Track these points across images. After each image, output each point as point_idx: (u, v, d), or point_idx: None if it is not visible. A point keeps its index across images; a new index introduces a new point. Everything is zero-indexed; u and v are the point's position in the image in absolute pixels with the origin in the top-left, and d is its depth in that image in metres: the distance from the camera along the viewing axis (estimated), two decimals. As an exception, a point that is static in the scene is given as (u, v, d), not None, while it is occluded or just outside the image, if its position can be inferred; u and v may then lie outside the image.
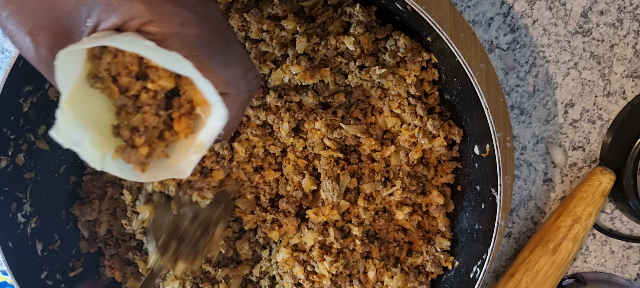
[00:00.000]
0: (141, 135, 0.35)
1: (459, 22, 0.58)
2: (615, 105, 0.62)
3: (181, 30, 0.31)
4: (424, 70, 0.57)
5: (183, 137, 0.37)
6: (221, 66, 0.33)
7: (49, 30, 0.32)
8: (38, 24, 0.31)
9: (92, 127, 0.34)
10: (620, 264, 0.66)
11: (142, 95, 0.35)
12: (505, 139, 0.60)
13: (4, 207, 0.56)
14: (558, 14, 0.60)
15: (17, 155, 0.57)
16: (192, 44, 0.32)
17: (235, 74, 0.35)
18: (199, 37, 0.32)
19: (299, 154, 0.58)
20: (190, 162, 0.36)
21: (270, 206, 0.61)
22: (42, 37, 0.32)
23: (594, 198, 0.60)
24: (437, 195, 0.59)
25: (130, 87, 0.34)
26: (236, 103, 0.35)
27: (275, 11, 0.54)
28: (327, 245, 0.59)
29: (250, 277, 0.64)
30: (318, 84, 0.57)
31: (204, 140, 0.36)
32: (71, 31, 0.32)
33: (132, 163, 0.35)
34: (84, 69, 0.33)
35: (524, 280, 0.61)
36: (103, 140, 0.34)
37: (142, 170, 0.35)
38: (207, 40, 0.33)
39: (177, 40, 0.31)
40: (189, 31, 0.32)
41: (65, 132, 0.32)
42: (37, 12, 0.31)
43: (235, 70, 0.35)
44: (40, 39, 0.32)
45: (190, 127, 0.36)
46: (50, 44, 0.32)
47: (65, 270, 0.62)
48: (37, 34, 0.32)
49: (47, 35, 0.32)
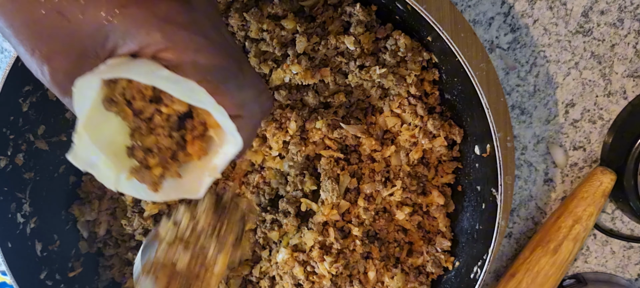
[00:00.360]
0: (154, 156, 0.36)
1: (459, 21, 0.58)
2: (616, 105, 0.62)
3: (196, 56, 0.32)
4: (425, 69, 0.57)
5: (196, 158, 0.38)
6: (235, 90, 0.34)
7: (66, 54, 0.32)
8: (54, 49, 0.32)
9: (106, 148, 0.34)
10: (621, 264, 0.66)
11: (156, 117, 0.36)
12: (505, 138, 0.60)
13: (4, 207, 0.56)
14: (559, 13, 0.60)
15: (17, 155, 0.57)
16: (207, 69, 0.32)
17: (248, 97, 0.35)
18: (213, 63, 0.33)
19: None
20: (204, 184, 0.37)
21: (270, 206, 0.61)
22: (59, 61, 0.32)
23: (594, 198, 0.60)
24: (437, 195, 0.59)
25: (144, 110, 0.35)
26: (249, 125, 0.36)
27: (275, 11, 0.54)
28: (327, 245, 0.59)
29: (250, 278, 0.64)
30: (318, 84, 0.56)
31: (218, 164, 0.37)
32: (87, 55, 0.32)
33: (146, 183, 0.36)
34: (99, 93, 0.33)
35: (524, 281, 0.61)
36: (117, 161, 0.35)
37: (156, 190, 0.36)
38: (221, 65, 0.33)
39: (192, 66, 0.32)
40: (203, 57, 0.32)
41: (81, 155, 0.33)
42: (54, 36, 0.31)
43: (249, 93, 0.35)
44: (56, 64, 0.32)
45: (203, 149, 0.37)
46: (66, 68, 0.32)
47: (65, 270, 0.62)
48: (54, 58, 0.32)
49: (63, 60, 0.32)
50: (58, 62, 0.32)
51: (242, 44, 0.56)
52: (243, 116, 0.35)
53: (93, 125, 0.33)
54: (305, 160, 0.59)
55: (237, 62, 0.35)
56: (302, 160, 0.58)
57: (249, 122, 0.36)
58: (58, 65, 0.32)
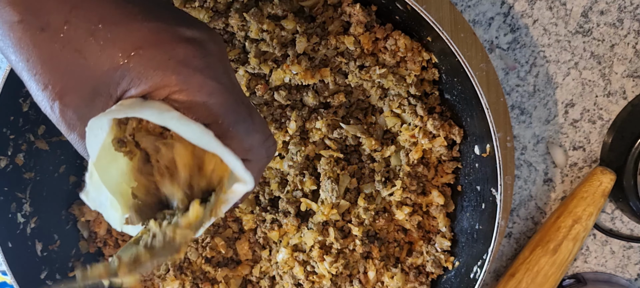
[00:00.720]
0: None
1: (459, 22, 0.58)
2: (615, 105, 0.62)
3: (208, 99, 0.33)
4: (424, 70, 0.57)
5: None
6: (244, 134, 0.35)
7: (78, 92, 0.32)
8: (68, 85, 0.32)
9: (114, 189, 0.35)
10: (621, 264, 0.66)
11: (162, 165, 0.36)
12: (505, 138, 0.60)
13: (4, 207, 0.56)
14: (558, 13, 0.60)
15: (17, 155, 0.57)
16: (218, 112, 0.33)
17: (256, 142, 0.36)
18: (224, 106, 0.33)
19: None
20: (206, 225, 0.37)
21: (270, 206, 0.61)
22: (70, 98, 0.32)
23: (594, 198, 0.60)
24: (437, 195, 0.59)
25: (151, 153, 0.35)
26: (255, 169, 0.37)
27: (275, 11, 0.54)
28: (327, 245, 0.59)
29: (250, 277, 0.64)
30: (318, 84, 0.56)
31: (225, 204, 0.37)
32: (99, 94, 0.32)
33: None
34: (109, 134, 0.33)
35: (524, 281, 0.61)
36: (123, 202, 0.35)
37: None
38: (232, 109, 0.34)
39: (204, 108, 0.32)
40: (215, 100, 0.33)
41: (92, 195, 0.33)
42: (69, 73, 0.31)
43: (256, 138, 0.36)
44: (67, 100, 0.32)
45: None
46: (77, 105, 0.32)
47: (65, 270, 0.62)
48: (66, 95, 0.32)
49: (75, 97, 0.32)
50: (69, 99, 0.32)
51: (242, 44, 0.56)
52: (250, 160, 0.36)
53: (102, 166, 0.33)
54: (305, 160, 0.59)
55: (247, 107, 0.35)
56: (302, 160, 0.58)
57: (256, 166, 0.37)
58: (69, 102, 0.32)
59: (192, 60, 0.32)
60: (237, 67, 0.56)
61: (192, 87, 0.32)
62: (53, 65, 0.31)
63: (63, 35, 0.31)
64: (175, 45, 0.32)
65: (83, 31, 0.31)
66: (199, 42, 0.33)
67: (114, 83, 0.32)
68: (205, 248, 0.61)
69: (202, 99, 0.32)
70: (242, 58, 0.56)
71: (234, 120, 0.34)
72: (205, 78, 0.32)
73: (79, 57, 0.31)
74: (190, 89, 0.32)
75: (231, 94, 0.34)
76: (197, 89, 0.32)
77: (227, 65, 0.35)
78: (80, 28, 0.31)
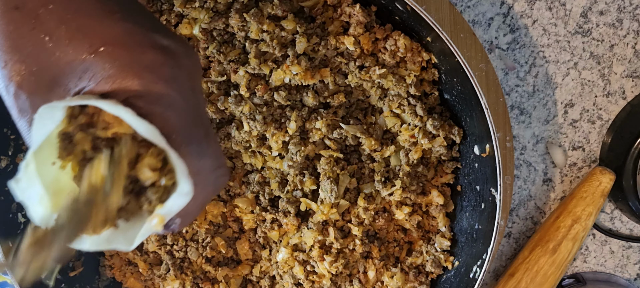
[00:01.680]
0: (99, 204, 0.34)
1: (458, 22, 0.58)
2: (615, 105, 0.62)
3: (167, 112, 0.31)
4: (424, 70, 0.57)
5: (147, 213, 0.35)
6: (195, 155, 0.33)
7: (38, 77, 0.31)
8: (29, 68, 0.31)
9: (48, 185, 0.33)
10: (620, 264, 0.66)
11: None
12: (505, 138, 0.60)
13: (4, 207, 0.56)
14: (558, 14, 0.60)
15: (18, 155, 0.57)
16: (173, 127, 0.32)
17: (206, 167, 0.34)
18: (180, 123, 0.32)
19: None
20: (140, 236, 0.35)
21: (270, 206, 0.61)
22: (28, 83, 0.31)
23: (593, 198, 0.60)
24: (437, 195, 0.59)
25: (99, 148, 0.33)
26: (199, 196, 0.35)
27: (275, 11, 0.54)
28: (327, 245, 0.59)
29: (250, 277, 0.64)
30: (318, 84, 0.57)
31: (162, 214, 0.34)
32: (57, 84, 0.31)
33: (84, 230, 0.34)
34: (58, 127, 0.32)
35: (523, 280, 0.61)
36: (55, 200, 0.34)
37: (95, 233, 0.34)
38: (188, 128, 0.33)
39: (161, 119, 0.31)
40: (174, 115, 0.32)
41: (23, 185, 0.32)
42: (33, 56, 0.31)
43: (208, 163, 0.35)
44: (24, 84, 0.31)
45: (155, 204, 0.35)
46: (32, 91, 0.31)
47: (66, 270, 0.62)
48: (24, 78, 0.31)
49: (33, 83, 0.31)
50: (26, 83, 0.31)
51: (242, 45, 0.56)
52: (197, 185, 0.34)
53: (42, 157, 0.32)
54: (305, 160, 0.59)
55: (205, 130, 0.34)
56: (301, 160, 0.58)
57: (201, 192, 0.34)
58: (25, 86, 0.31)
59: (159, 68, 0.31)
60: (237, 68, 0.56)
61: (152, 95, 0.31)
62: (18, 45, 0.31)
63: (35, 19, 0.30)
64: (146, 49, 0.31)
65: (57, 18, 0.30)
66: (171, 52, 0.32)
67: (75, 76, 0.31)
68: (205, 248, 0.62)
69: (161, 109, 0.31)
70: (242, 58, 0.56)
71: (187, 139, 0.33)
72: (168, 89, 0.31)
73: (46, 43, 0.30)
74: (149, 96, 0.31)
75: (192, 113, 0.33)
76: (157, 97, 0.31)
77: (196, 84, 0.34)
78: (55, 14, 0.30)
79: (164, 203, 0.34)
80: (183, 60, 0.33)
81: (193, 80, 0.34)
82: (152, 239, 0.62)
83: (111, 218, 0.34)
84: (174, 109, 0.32)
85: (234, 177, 0.61)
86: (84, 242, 0.34)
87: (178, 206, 0.34)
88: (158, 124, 0.31)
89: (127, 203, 0.34)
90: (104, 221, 0.34)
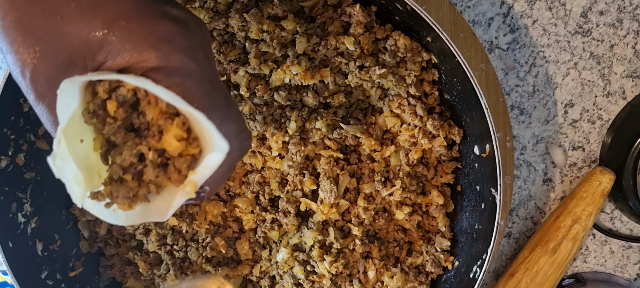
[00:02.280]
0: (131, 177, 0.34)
1: (458, 22, 0.58)
2: (615, 105, 0.62)
3: (186, 81, 0.32)
4: (424, 70, 0.57)
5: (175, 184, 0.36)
6: (218, 121, 0.33)
7: (53, 59, 0.31)
8: (43, 51, 0.31)
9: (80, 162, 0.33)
10: (620, 264, 0.66)
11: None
12: (505, 139, 0.60)
13: (4, 207, 0.56)
14: (558, 14, 0.60)
15: (18, 155, 0.57)
16: (194, 95, 0.32)
17: (230, 131, 0.35)
18: (201, 90, 0.32)
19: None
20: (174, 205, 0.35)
21: (270, 206, 0.61)
22: (44, 65, 0.31)
23: (593, 198, 0.60)
24: (437, 195, 0.59)
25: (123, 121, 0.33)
26: (226, 160, 0.35)
27: (275, 11, 0.54)
28: (327, 244, 0.59)
29: (250, 277, 0.64)
30: (318, 84, 0.57)
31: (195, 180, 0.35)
32: (74, 63, 0.31)
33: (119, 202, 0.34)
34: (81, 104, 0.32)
35: (523, 280, 0.61)
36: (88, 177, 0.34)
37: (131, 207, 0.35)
38: (209, 94, 0.33)
39: (181, 89, 0.31)
40: (193, 83, 0.32)
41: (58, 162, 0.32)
42: (46, 38, 0.30)
43: (231, 127, 0.35)
44: (41, 67, 0.31)
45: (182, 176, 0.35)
46: (49, 73, 0.31)
47: (66, 270, 0.62)
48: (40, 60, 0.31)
49: (49, 64, 0.31)
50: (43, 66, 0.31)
51: (242, 45, 0.56)
52: None
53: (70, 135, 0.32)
54: (305, 160, 0.59)
55: (225, 96, 0.34)
56: (301, 160, 0.58)
57: (228, 157, 0.35)
58: (42, 69, 0.31)
59: (174, 38, 0.31)
60: (237, 68, 0.56)
61: (171, 64, 0.31)
62: (29, 28, 0.30)
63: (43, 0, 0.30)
64: (159, 21, 0.31)
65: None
66: (183, 22, 0.32)
67: (91, 54, 0.31)
68: (205, 248, 0.62)
69: (180, 79, 0.31)
70: (242, 58, 0.56)
71: (209, 105, 0.33)
72: (185, 58, 0.31)
73: (57, 23, 0.30)
74: (168, 67, 0.31)
75: (210, 80, 0.33)
76: (176, 67, 0.31)
77: (209, 52, 0.34)
78: None
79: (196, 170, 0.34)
80: (195, 29, 0.33)
81: (205, 48, 0.34)
82: (152, 239, 0.62)
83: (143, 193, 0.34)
84: (192, 78, 0.32)
85: (234, 177, 0.61)
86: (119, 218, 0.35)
87: (213, 166, 0.34)
88: (178, 94, 0.31)
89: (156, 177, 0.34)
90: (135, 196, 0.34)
